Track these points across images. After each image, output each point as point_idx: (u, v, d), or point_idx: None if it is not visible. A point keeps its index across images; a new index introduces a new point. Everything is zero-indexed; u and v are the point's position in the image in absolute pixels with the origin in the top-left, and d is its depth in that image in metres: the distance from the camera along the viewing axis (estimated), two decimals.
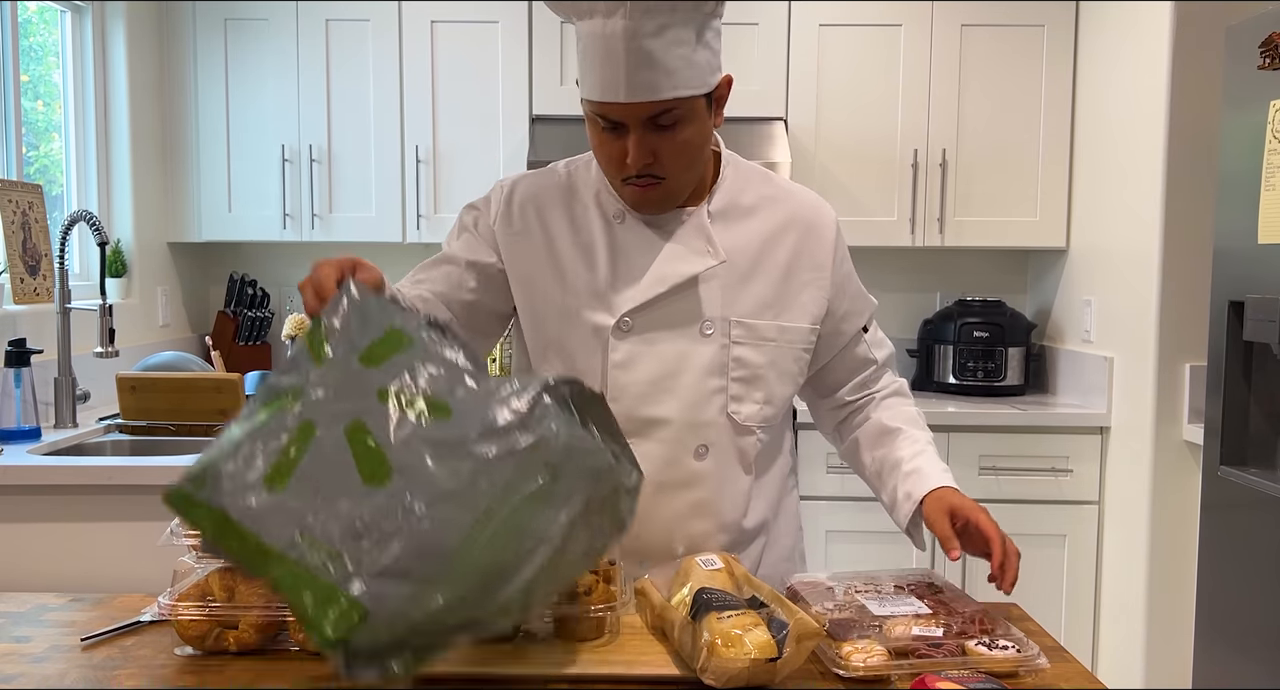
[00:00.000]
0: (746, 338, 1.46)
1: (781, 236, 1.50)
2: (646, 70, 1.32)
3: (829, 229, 1.54)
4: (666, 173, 1.40)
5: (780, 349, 1.49)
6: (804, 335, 1.51)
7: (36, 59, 3.16)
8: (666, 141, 1.37)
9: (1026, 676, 1.20)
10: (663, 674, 1.18)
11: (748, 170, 1.54)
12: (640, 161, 1.37)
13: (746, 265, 1.48)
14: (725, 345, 1.46)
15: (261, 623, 1.26)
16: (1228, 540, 2.45)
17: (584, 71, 1.37)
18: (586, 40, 1.35)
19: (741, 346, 1.46)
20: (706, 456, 1.47)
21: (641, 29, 1.30)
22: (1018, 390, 3.56)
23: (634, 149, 1.36)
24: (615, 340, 1.44)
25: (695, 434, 1.46)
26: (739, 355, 1.46)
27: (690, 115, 1.37)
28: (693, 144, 1.40)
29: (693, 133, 1.39)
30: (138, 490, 2.23)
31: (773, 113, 3.46)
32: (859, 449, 1.60)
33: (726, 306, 1.46)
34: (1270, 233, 2.27)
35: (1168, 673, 2.95)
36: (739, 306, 1.47)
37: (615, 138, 1.38)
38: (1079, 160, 3.46)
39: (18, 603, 1.46)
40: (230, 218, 3.56)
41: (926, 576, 1.45)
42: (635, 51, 1.31)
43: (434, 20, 3.48)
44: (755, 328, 1.47)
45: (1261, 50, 2.28)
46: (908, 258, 3.84)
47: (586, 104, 1.38)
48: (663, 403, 1.45)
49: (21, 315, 2.75)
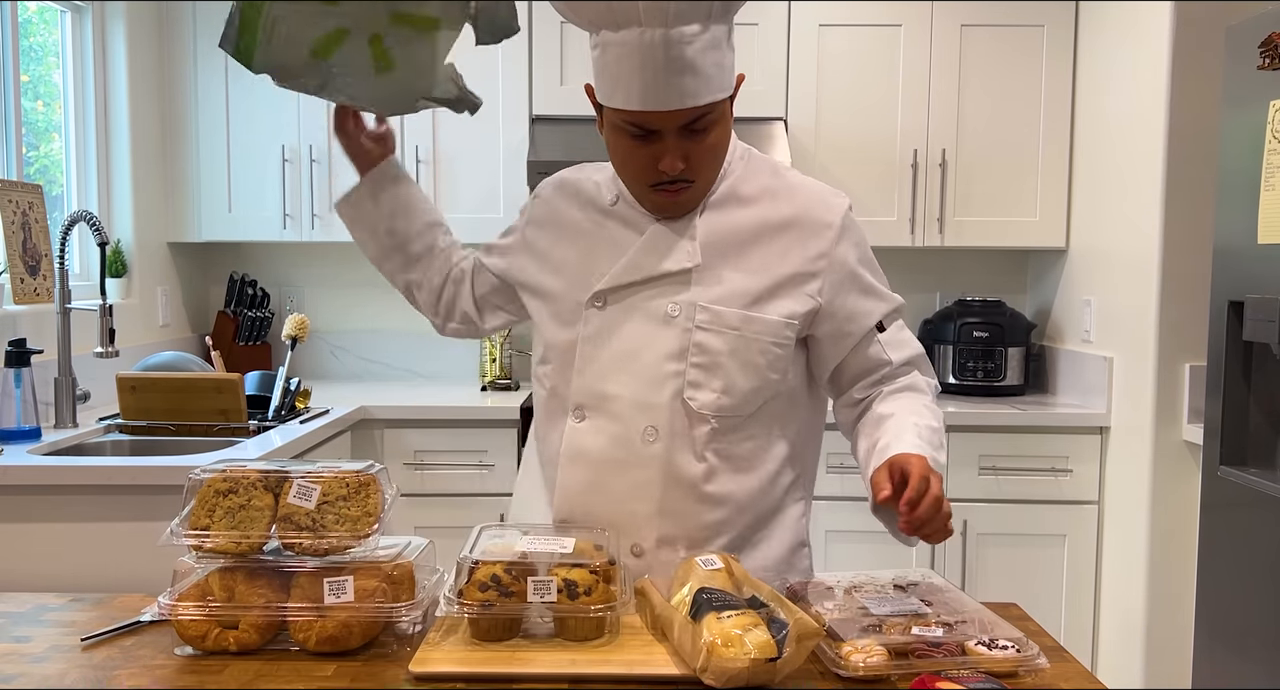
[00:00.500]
0: (711, 324, 1.46)
1: (774, 232, 1.50)
2: (688, 77, 1.34)
3: (832, 226, 1.51)
4: (697, 176, 1.43)
5: (744, 339, 1.47)
6: (774, 328, 1.48)
7: (36, 59, 3.16)
8: (698, 145, 1.40)
9: (1026, 676, 1.20)
10: (663, 674, 1.18)
11: (759, 162, 1.56)
12: (676, 168, 1.39)
13: (728, 254, 1.48)
14: (688, 330, 1.46)
15: (261, 623, 1.26)
16: (1228, 540, 2.45)
17: (615, 81, 1.37)
18: (619, 49, 1.35)
19: (705, 332, 1.46)
20: (656, 440, 1.47)
21: (681, 37, 1.33)
22: (1018, 390, 3.56)
23: (670, 155, 1.39)
24: (589, 314, 1.50)
25: (646, 415, 1.47)
26: (700, 341, 1.46)
27: (720, 117, 1.41)
28: (721, 145, 1.44)
29: (721, 134, 1.42)
30: (138, 490, 2.23)
31: (773, 113, 3.46)
32: (858, 442, 1.56)
33: (697, 292, 1.47)
34: (1270, 233, 2.27)
35: (1168, 673, 2.95)
36: (710, 293, 1.47)
37: (644, 145, 1.40)
38: (1079, 160, 3.46)
39: (18, 603, 1.46)
40: (230, 218, 3.57)
41: (927, 577, 1.45)
42: (675, 59, 1.33)
43: None
44: (721, 315, 1.46)
45: (1261, 50, 2.29)
46: (908, 258, 3.84)
47: (618, 114, 1.39)
48: (619, 381, 1.48)
49: (21, 315, 2.75)
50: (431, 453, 3.21)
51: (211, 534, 1.28)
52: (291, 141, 3.52)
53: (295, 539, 1.28)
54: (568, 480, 1.51)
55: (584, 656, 1.22)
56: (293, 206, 3.53)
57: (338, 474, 1.31)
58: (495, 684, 1.17)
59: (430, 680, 1.18)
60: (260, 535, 1.28)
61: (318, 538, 1.28)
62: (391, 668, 1.22)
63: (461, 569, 1.26)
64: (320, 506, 1.29)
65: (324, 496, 1.30)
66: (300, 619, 1.25)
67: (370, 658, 1.25)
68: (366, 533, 1.28)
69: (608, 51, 1.37)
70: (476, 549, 1.31)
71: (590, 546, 1.32)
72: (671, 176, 1.41)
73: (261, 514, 1.29)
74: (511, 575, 1.25)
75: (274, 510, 1.30)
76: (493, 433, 3.21)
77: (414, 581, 1.32)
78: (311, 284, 3.92)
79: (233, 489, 1.30)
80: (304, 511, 1.29)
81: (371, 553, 1.31)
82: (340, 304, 3.93)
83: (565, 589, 1.24)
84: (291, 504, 1.29)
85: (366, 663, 1.24)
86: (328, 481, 1.30)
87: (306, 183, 3.52)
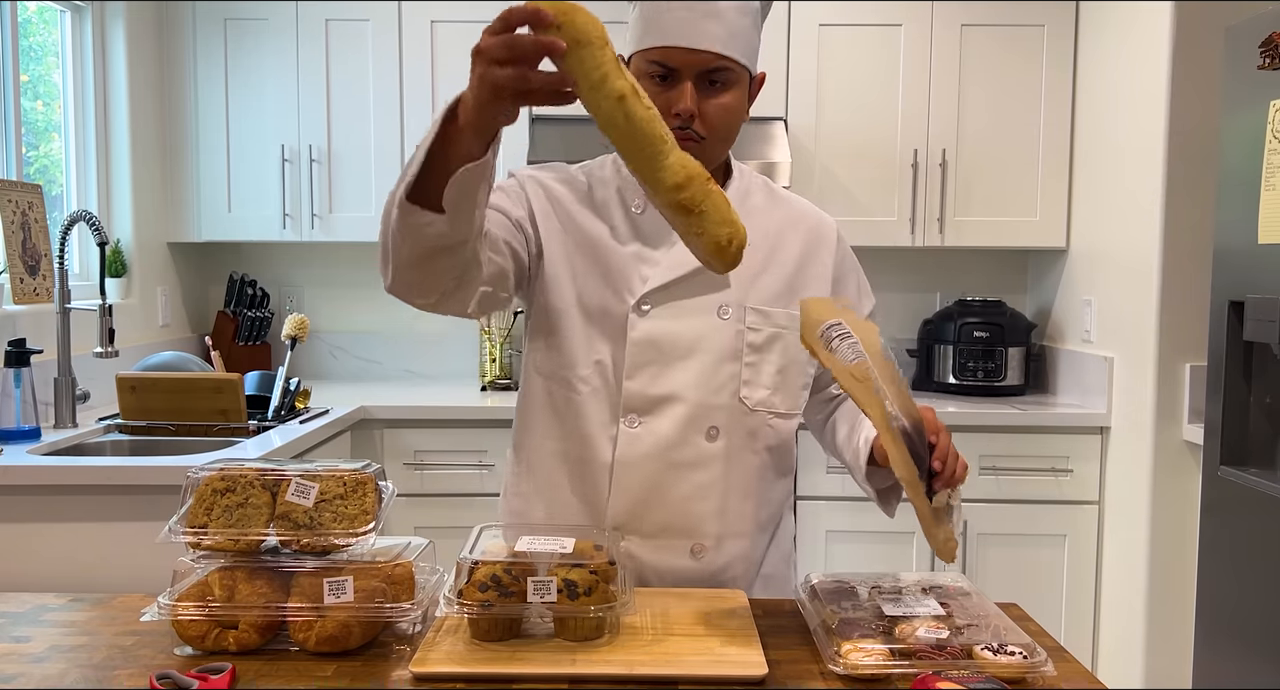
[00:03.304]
0: (762, 324, 1.51)
1: (790, 234, 1.58)
2: (715, 23, 1.40)
3: (830, 234, 1.62)
4: (706, 132, 1.44)
5: (793, 337, 1.51)
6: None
7: (36, 59, 3.16)
8: (712, 102, 1.43)
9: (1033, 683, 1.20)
10: (663, 674, 1.18)
11: (751, 177, 1.62)
12: (689, 110, 1.41)
13: (759, 258, 1.52)
14: (740, 330, 1.51)
15: (261, 623, 1.26)
16: (1228, 540, 2.45)
17: (649, 24, 1.42)
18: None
19: (756, 332, 1.51)
20: (718, 438, 1.50)
21: None
22: (1018, 390, 3.56)
23: (686, 96, 1.41)
24: (635, 319, 1.49)
25: (707, 414, 1.50)
26: (753, 340, 1.51)
27: (738, 83, 1.45)
28: (732, 111, 1.46)
29: (735, 100, 1.45)
30: (138, 490, 2.23)
31: (773, 113, 3.46)
32: (835, 430, 1.62)
33: (742, 293, 1.51)
34: (1270, 233, 2.27)
35: (1168, 673, 2.95)
36: (754, 295, 1.52)
37: (664, 89, 1.43)
38: (1079, 160, 3.46)
39: (18, 603, 1.46)
40: (230, 218, 3.57)
41: (955, 580, 1.45)
42: (708, 4, 1.40)
43: (434, 20, 3.48)
44: (770, 315, 1.52)
45: (1261, 50, 2.28)
46: (908, 258, 3.84)
47: (644, 55, 1.43)
48: (677, 381, 1.49)
49: (21, 315, 2.75)
50: (431, 453, 3.21)
51: (209, 532, 1.28)
52: (291, 141, 3.52)
53: (293, 537, 1.28)
54: (624, 485, 1.50)
55: (584, 656, 1.21)
56: (292, 206, 3.53)
57: (335, 473, 1.32)
58: (495, 684, 1.17)
59: (430, 680, 1.17)
60: (258, 533, 1.28)
61: (315, 536, 1.28)
62: (391, 668, 1.22)
63: (461, 569, 1.26)
64: (318, 505, 1.29)
65: (321, 495, 1.30)
66: (300, 619, 1.25)
67: (370, 658, 1.25)
68: (363, 531, 1.28)
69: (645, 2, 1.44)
70: (476, 549, 1.31)
71: (590, 546, 1.32)
72: (684, 122, 1.42)
73: (259, 512, 1.29)
74: (511, 575, 1.25)
75: (272, 509, 1.30)
76: (492, 433, 3.21)
77: (414, 581, 1.32)
78: (311, 284, 3.92)
79: (230, 488, 1.30)
80: (302, 509, 1.29)
81: (370, 551, 1.32)
82: (340, 304, 3.93)
83: (565, 589, 1.24)
84: (289, 502, 1.29)
85: (366, 663, 1.24)
86: (325, 480, 1.31)
87: (306, 183, 3.52)
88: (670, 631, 1.29)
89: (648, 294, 1.49)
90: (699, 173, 1.18)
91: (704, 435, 1.50)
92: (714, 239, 1.18)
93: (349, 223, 3.54)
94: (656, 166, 1.17)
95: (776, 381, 1.53)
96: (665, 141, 1.17)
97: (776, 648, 1.28)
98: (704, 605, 1.39)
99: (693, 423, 1.49)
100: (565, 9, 1.11)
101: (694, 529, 1.51)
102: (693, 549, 1.51)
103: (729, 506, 1.53)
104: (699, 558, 1.52)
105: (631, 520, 1.50)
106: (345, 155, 3.53)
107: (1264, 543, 2.31)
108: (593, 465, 1.51)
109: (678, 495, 1.50)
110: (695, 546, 1.51)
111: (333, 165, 3.53)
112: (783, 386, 1.54)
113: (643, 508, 1.50)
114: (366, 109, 3.51)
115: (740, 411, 1.51)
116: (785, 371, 1.53)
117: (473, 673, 1.18)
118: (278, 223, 3.54)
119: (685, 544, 1.51)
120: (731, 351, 1.50)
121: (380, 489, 1.34)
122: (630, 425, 1.49)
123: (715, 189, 1.19)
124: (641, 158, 1.17)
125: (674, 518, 1.51)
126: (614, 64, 1.13)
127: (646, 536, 1.50)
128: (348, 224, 3.54)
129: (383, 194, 3.50)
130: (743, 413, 1.51)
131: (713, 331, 1.50)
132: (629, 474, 1.49)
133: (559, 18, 1.10)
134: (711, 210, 1.18)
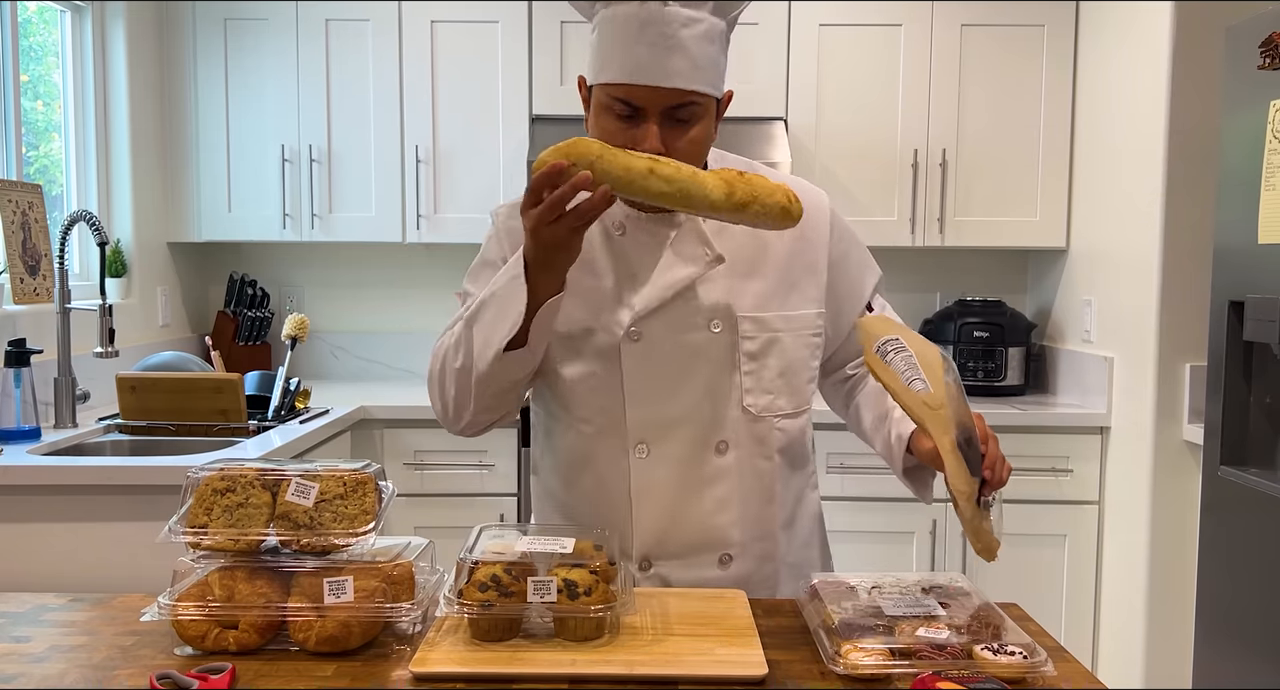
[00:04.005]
0: (756, 331, 1.49)
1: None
2: (680, 58, 1.35)
3: (821, 213, 1.56)
4: None
5: (790, 338, 1.51)
6: (811, 321, 1.53)
7: (36, 59, 3.16)
8: (679, 136, 1.39)
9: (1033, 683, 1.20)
10: (663, 674, 1.18)
11: (732, 162, 1.56)
12: (656, 150, 1.37)
13: (745, 262, 1.50)
14: (734, 341, 1.48)
15: (261, 623, 1.26)
16: (1228, 540, 2.45)
17: (609, 56, 1.38)
18: (618, 22, 1.36)
19: (751, 340, 1.49)
20: (728, 451, 1.49)
21: (678, 16, 1.35)
22: (1018, 390, 3.56)
23: (652, 136, 1.37)
24: (627, 347, 1.46)
25: (714, 430, 1.49)
26: (749, 349, 1.49)
27: (704, 115, 1.41)
28: (699, 143, 1.42)
29: (701, 133, 1.41)
30: (138, 490, 2.23)
31: (773, 113, 3.46)
32: (860, 414, 1.61)
33: (731, 302, 1.48)
34: (1270, 233, 2.27)
35: (1168, 673, 2.95)
36: (744, 302, 1.49)
37: (628, 127, 1.39)
38: (1079, 160, 3.46)
39: (18, 603, 1.46)
40: (230, 218, 3.57)
41: (955, 580, 1.45)
42: (671, 37, 1.35)
43: (434, 20, 3.48)
44: (762, 320, 1.49)
45: (1261, 50, 2.28)
46: (908, 258, 3.84)
47: (606, 91, 1.39)
48: (679, 403, 1.47)
49: (21, 315, 2.75)
50: (431, 453, 3.21)
51: (209, 532, 1.28)
52: (291, 141, 3.52)
53: (293, 537, 1.28)
54: (645, 513, 1.49)
55: (584, 656, 1.21)
56: (292, 206, 3.53)
57: (335, 473, 1.32)
58: (495, 684, 1.17)
59: (430, 680, 1.17)
60: (258, 533, 1.28)
61: (315, 536, 1.28)
62: (391, 668, 1.22)
63: (461, 569, 1.26)
64: (318, 505, 1.29)
65: (321, 495, 1.30)
66: (300, 619, 1.25)
67: (370, 658, 1.25)
68: (363, 531, 1.28)
69: (604, 27, 1.39)
70: (476, 549, 1.31)
71: (590, 546, 1.32)
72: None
73: (259, 512, 1.29)
74: (511, 575, 1.25)
75: (272, 509, 1.30)
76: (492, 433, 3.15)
77: (414, 581, 1.32)
78: (311, 284, 3.92)
79: (230, 487, 1.30)
80: (302, 509, 1.29)
81: (370, 551, 1.32)
82: (340, 304, 3.93)
83: (565, 589, 1.24)
84: (289, 502, 1.29)
85: (366, 663, 1.24)
86: (325, 480, 1.31)
87: (306, 183, 3.52)
88: (670, 631, 1.29)
89: (636, 320, 1.46)
90: (730, 175, 1.32)
91: (714, 450, 1.49)
92: (775, 209, 1.33)
93: (349, 222, 3.54)
94: (703, 197, 1.31)
95: (779, 385, 1.51)
96: (696, 174, 1.31)
97: (776, 648, 1.28)
98: (704, 605, 1.39)
99: (701, 440, 1.48)
100: (567, 149, 1.27)
101: (719, 542, 1.51)
102: (720, 560, 1.51)
103: (749, 513, 1.52)
104: (727, 567, 1.52)
105: (657, 546, 1.50)
106: (345, 155, 3.53)
107: (1264, 543, 2.31)
108: (611, 496, 1.51)
109: (698, 513, 1.50)
110: (722, 557, 1.51)
111: (333, 165, 3.53)
112: (786, 388, 1.52)
113: (666, 532, 1.50)
114: (366, 109, 3.51)
115: (747, 420, 1.50)
116: (787, 373, 1.51)
117: (473, 673, 1.18)
118: (278, 223, 3.54)
119: (712, 557, 1.51)
120: (729, 363, 1.48)
121: (380, 489, 1.34)
122: (640, 455, 1.48)
123: (746, 175, 1.34)
124: (690, 201, 1.31)
125: (697, 535, 1.50)
126: (621, 154, 1.29)
127: (674, 556, 1.51)
128: (348, 224, 3.54)
129: (383, 194, 3.51)
130: (749, 421, 1.50)
131: (707, 346, 1.47)
132: (647, 503, 1.49)
133: (569, 159, 1.27)
134: (760, 192, 1.32)
